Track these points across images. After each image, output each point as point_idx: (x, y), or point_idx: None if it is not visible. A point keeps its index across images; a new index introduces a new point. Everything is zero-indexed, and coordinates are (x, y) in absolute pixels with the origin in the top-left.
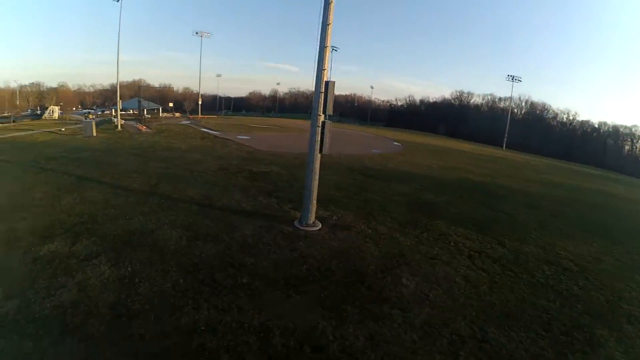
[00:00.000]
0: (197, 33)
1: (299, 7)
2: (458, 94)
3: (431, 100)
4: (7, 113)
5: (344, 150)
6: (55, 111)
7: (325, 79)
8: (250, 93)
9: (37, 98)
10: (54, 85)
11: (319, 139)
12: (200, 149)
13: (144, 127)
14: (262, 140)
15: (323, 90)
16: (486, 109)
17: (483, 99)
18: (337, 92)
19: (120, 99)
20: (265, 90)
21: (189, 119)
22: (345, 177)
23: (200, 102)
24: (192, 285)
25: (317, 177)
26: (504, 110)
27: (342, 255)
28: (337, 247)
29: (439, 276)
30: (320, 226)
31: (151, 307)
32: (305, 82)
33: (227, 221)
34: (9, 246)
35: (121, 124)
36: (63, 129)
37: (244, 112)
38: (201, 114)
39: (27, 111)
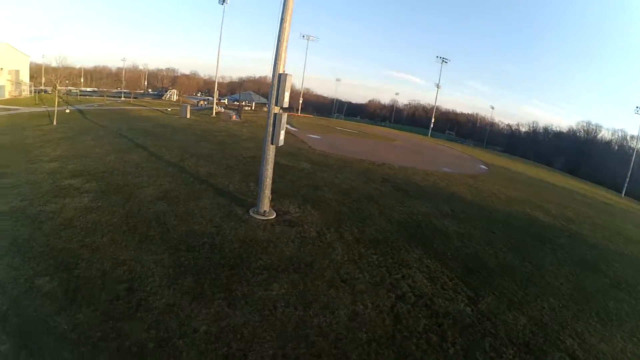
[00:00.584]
0: (304, 37)
1: (428, 15)
2: (585, 125)
3: (555, 129)
4: (139, 90)
5: (411, 163)
6: (174, 94)
7: (280, 71)
8: (369, 100)
9: (170, 82)
10: (187, 72)
11: (271, 130)
12: (257, 140)
13: (235, 116)
14: (330, 141)
15: (276, 83)
16: (616, 147)
17: (612, 135)
18: (458, 109)
19: (217, 89)
20: (385, 99)
21: (289, 115)
22: (365, 184)
23: (301, 101)
24: (123, 223)
25: (270, 167)
26: (634, 150)
27: (256, 245)
28: (263, 238)
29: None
30: (272, 217)
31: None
32: (427, 96)
33: (197, 193)
34: (46, 175)
35: (217, 112)
36: (169, 109)
37: (358, 118)
38: (300, 113)
39: (155, 92)
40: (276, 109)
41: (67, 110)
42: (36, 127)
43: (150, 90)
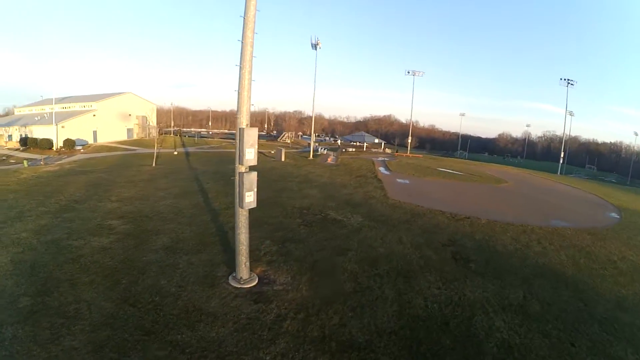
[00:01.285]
0: (409, 72)
1: (551, 35)
2: None
3: None
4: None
5: (509, 215)
6: (289, 136)
7: (242, 125)
8: (499, 135)
9: (297, 123)
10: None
11: (237, 191)
12: (328, 187)
13: (331, 158)
14: (416, 187)
15: (238, 139)
16: None
17: None
18: (600, 138)
19: (314, 132)
20: (517, 131)
21: (393, 155)
22: (413, 249)
23: (409, 140)
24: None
25: (244, 231)
26: None
27: (193, 317)
28: (208, 311)
29: None
30: (249, 285)
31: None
32: (562, 125)
33: (204, 246)
34: (101, 214)
35: (316, 154)
36: (273, 152)
37: (485, 154)
38: (410, 152)
39: (272, 134)
40: (242, 168)
41: (175, 153)
42: (138, 167)
43: (274, 132)
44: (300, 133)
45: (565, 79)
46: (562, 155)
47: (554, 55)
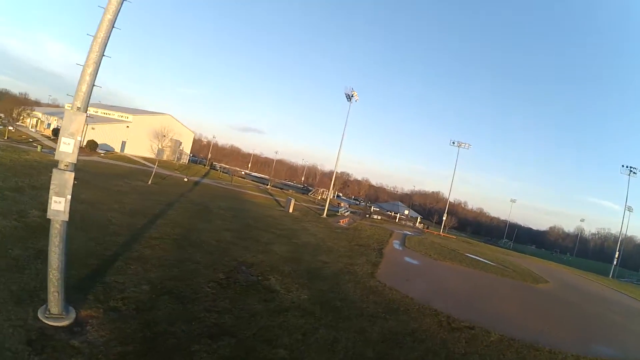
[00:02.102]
0: (454, 143)
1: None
2: None
3: None
4: (282, 181)
5: (538, 330)
6: (320, 192)
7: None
8: (550, 227)
9: (341, 184)
10: (359, 177)
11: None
12: (307, 247)
13: (346, 220)
14: (427, 274)
15: None
16: None
17: None
18: None
19: (333, 189)
20: (569, 226)
21: (422, 231)
22: None
23: (445, 218)
24: None
25: (55, 252)
26: None
27: None
28: None
29: None
30: (58, 324)
31: None
32: (618, 223)
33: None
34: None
35: (335, 214)
36: (284, 200)
37: (533, 247)
38: (443, 232)
39: (301, 186)
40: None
41: (185, 180)
42: (135, 181)
43: (306, 185)
44: (338, 193)
45: (627, 166)
46: (616, 256)
47: (616, 142)
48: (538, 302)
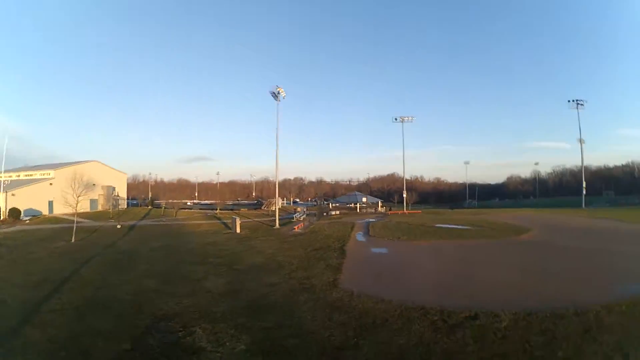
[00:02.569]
0: (396, 119)
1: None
2: None
3: None
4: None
5: (549, 282)
6: (272, 203)
7: None
8: (507, 178)
9: (297, 190)
10: (313, 179)
11: None
12: (253, 271)
13: (300, 226)
14: (399, 260)
15: None
16: None
17: None
18: (610, 163)
19: (278, 196)
20: (525, 172)
21: (385, 214)
22: None
23: (405, 195)
24: None
25: None
26: None
27: None
28: None
29: None
30: None
31: None
32: (574, 158)
33: None
34: None
35: (291, 220)
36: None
37: (496, 200)
38: (407, 209)
39: (254, 201)
40: None
41: (119, 227)
42: (61, 241)
43: (259, 199)
44: (295, 199)
45: (573, 100)
46: (584, 186)
47: (557, 79)
48: (531, 257)
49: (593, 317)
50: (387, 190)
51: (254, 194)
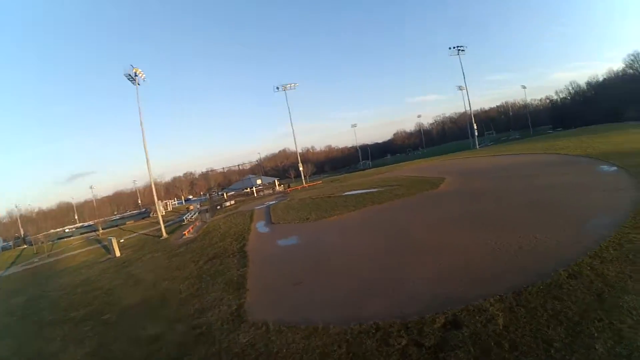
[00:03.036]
0: (278, 89)
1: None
2: (632, 58)
3: (600, 79)
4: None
5: (510, 237)
6: (159, 209)
7: None
8: (394, 134)
9: (189, 186)
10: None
11: None
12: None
13: (191, 228)
14: (317, 249)
15: None
16: None
17: None
18: (486, 106)
19: (157, 196)
20: (409, 126)
21: (285, 192)
22: None
23: (301, 168)
24: None
25: None
26: None
27: None
28: None
29: None
30: None
31: None
32: (451, 106)
33: None
34: None
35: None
36: (122, 240)
37: (388, 156)
38: (307, 182)
39: (141, 210)
40: None
41: None
42: None
43: (146, 208)
44: (188, 196)
45: (454, 47)
46: (475, 128)
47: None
48: (467, 211)
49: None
50: (281, 167)
51: (139, 202)
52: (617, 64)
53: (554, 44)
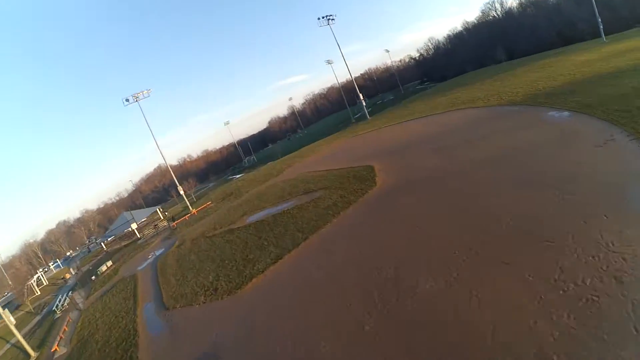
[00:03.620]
0: (128, 100)
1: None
2: (489, 7)
3: (458, 30)
4: None
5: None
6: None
7: None
8: (269, 122)
9: (67, 238)
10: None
11: None
12: None
13: (62, 333)
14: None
15: None
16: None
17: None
18: (348, 77)
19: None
20: (282, 111)
21: (172, 229)
22: None
23: (182, 192)
24: None
25: None
26: None
27: None
28: None
29: None
30: None
31: None
32: (318, 83)
33: None
34: None
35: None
36: None
37: (269, 146)
38: (194, 207)
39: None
40: None
41: None
42: None
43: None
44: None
45: (323, 17)
46: (362, 98)
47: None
48: (463, 226)
49: None
50: (161, 187)
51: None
52: (471, 15)
53: (395, 8)
